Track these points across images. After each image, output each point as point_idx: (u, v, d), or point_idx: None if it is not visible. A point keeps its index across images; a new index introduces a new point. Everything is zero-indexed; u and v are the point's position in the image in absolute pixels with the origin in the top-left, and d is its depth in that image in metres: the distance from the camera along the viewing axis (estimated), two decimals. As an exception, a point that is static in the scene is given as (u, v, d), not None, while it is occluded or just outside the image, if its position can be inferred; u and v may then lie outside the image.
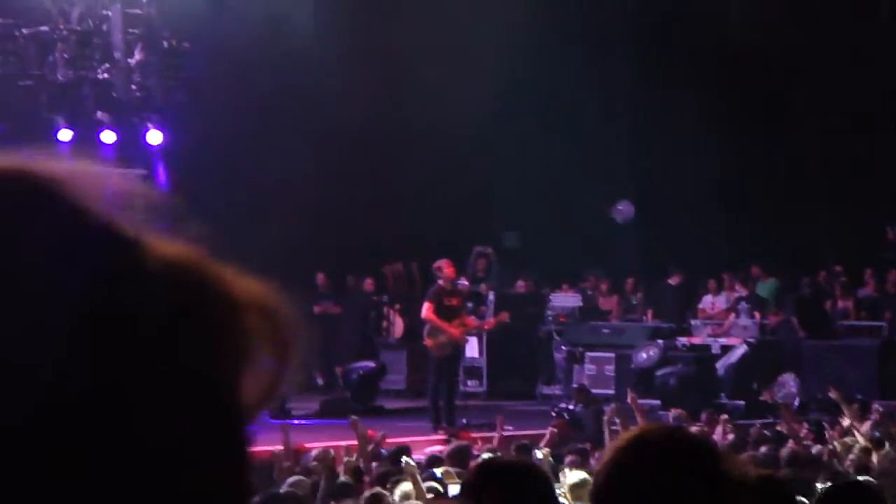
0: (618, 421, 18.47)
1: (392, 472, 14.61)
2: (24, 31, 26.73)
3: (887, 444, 18.86)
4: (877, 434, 18.55)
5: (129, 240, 1.30)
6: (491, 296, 29.07)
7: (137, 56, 27.34)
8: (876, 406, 22.17)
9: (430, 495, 13.56)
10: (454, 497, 10.23)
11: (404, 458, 16.77)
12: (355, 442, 17.62)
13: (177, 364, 1.29)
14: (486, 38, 30.51)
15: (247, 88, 28.72)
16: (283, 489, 13.89)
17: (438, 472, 15.75)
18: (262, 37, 28.47)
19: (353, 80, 29.05)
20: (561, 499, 10.25)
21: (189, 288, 1.33)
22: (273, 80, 28.83)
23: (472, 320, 26.31)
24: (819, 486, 11.96)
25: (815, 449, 17.41)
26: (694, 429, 17.57)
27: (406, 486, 14.15)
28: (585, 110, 30.79)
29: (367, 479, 14.13)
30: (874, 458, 14.78)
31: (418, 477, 14.08)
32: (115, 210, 1.31)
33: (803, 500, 8.10)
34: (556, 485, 10.18)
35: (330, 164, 28.66)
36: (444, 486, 13.77)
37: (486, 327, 27.44)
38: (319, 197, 28.34)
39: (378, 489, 13.55)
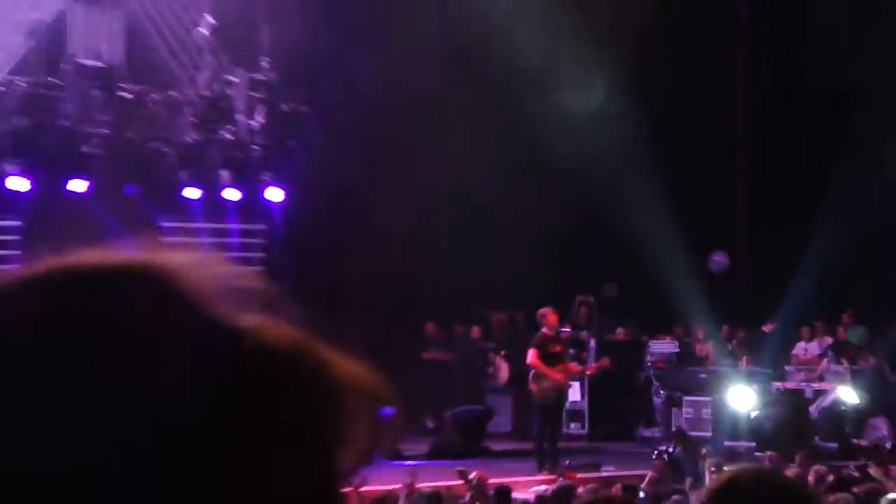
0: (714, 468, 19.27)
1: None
2: (155, 96, 27.25)
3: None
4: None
5: (237, 327, 1.41)
6: (592, 342, 29.40)
7: (258, 118, 27.86)
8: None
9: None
10: None
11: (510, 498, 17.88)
12: (460, 481, 18.79)
13: (276, 440, 1.40)
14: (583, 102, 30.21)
15: (361, 148, 28.99)
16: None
17: None
18: (372, 102, 28.51)
19: (453, 141, 28.74)
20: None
21: (291, 370, 1.42)
22: (384, 141, 29.18)
23: (574, 366, 26.68)
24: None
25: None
26: (789, 471, 17.77)
27: None
28: (681, 164, 30.28)
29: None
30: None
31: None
32: (225, 299, 1.44)
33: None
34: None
35: (438, 217, 28.95)
36: None
37: (587, 372, 27.55)
38: (429, 250, 28.29)
39: None
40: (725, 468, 15.47)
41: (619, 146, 29.36)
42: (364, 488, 15.88)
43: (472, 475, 18.76)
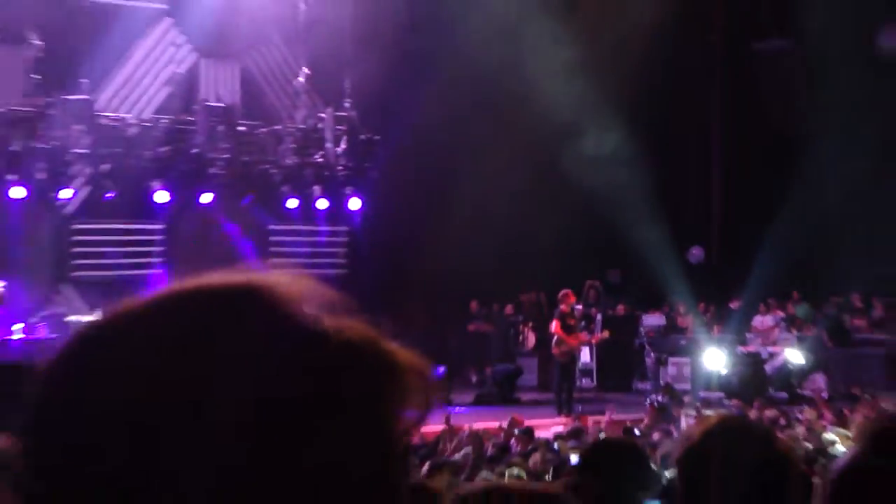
0: (693, 412, 21.09)
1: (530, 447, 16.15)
2: (263, 129, 29.03)
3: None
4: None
5: (324, 329, 1.61)
6: (599, 317, 30.19)
7: (342, 146, 29.29)
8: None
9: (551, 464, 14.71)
10: (573, 465, 11.07)
11: (534, 435, 18.55)
12: (497, 424, 20.48)
13: (357, 408, 1.60)
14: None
15: (420, 168, 29.78)
16: (451, 458, 15.99)
17: (556, 445, 17.39)
18: (429, 134, 29.02)
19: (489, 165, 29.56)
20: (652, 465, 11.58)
21: (363, 359, 1.63)
22: (438, 163, 29.71)
23: (585, 335, 28.25)
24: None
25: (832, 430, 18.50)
26: (750, 415, 19.43)
27: (536, 456, 15.60)
28: (669, 175, 31.61)
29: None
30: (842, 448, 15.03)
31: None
32: (312, 308, 1.63)
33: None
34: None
35: (481, 222, 29.31)
36: (563, 457, 15.29)
37: (594, 340, 28.90)
38: (475, 246, 28.65)
39: (517, 459, 15.04)
40: (703, 413, 18.29)
41: (620, 168, 29.60)
42: (423, 429, 17.17)
43: (515, 419, 20.25)
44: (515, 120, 30.05)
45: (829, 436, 17.73)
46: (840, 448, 14.76)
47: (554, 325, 27.08)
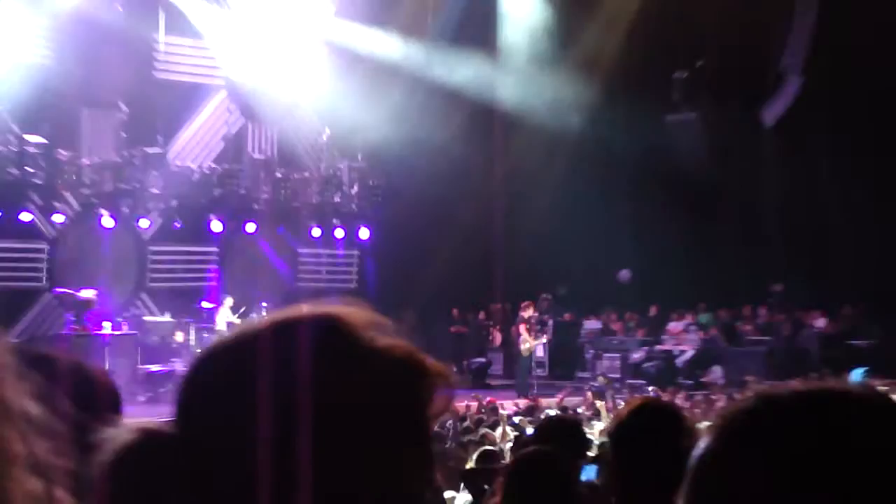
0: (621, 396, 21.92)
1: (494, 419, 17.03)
2: (295, 175, 30.23)
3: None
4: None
5: (380, 346, 1.71)
6: (550, 322, 30.46)
7: (355, 189, 30.70)
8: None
9: (512, 434, 15.47)
10: (529, 435, 10.85)
11: (499, 411, 19.12)
12: (473, 403, 20.77)
13: (403, 401, 1.70)
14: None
15: (415, 205, 30.22)
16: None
17: (517, 419, 18.36)
18: (424, 177, 29.58)
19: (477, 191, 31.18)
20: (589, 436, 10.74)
21: (401, 370, 1.71)
22: (427, 203, 29.95)
23: (542, 336, 29.34)
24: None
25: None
26: (664, 398, 18.03)
27: (500, 429, 16.16)
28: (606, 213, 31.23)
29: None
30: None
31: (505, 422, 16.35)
32: (370, 329, 1.73)
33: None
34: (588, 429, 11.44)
35: (460, 248, 29.83)
36: (522, 429, 16.00)
37: (545, 340, 29.80)
38: (454, 268, 29.89)
39: (486, 430, 15.40)
40: (629, 397, 18.44)
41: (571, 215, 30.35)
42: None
43: (485, 400, 21.33)
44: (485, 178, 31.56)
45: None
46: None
47: (521, 328, 28.33)
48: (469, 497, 9.47)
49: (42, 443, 1.25)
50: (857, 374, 23.69)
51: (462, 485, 9.88)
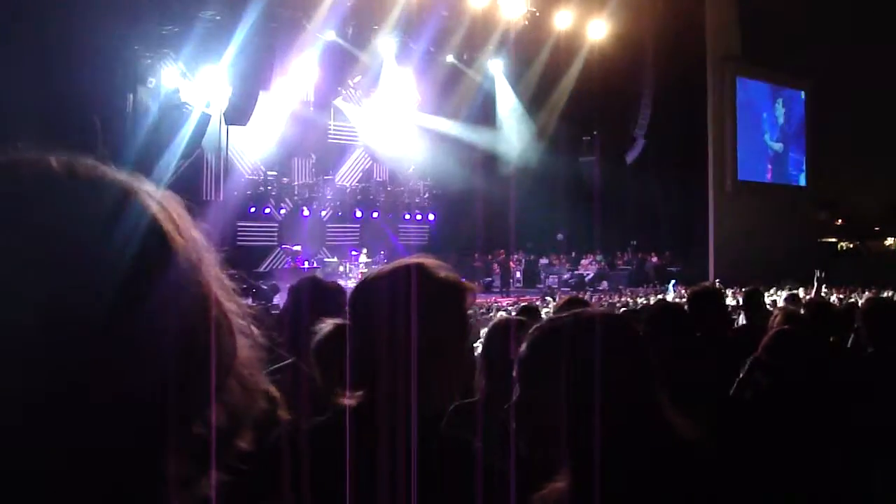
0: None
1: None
2: (397, 188, 28.94)
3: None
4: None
5: (447, 276, 1.63)
6: (523, 259, 29.45)
7: (426, 195, 29.11)
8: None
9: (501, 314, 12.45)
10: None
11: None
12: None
13: (450, 310, 1.63)
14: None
15: (465, 203, 28.13)
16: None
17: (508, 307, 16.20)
18: (467, 190, 27.60)
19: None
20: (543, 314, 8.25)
21: (454, 285, 1.66)
22: (467, 207, 27.93)
23: (518, 267, 28.49)
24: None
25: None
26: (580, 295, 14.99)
27: (498, 314, 13.49)
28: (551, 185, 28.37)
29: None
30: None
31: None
32: (438, 267, 1.65)
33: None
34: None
35: (482, 227, 27.50)
36: (508, 311, 13.84)
37: (520, 270, 28.48)
38: (475, 232, 27.43)
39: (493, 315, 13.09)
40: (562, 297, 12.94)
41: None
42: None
43: (490, 299, 19.72)
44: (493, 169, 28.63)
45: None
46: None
47: (509, 263, 27.47)
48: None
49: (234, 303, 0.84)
50: (671, 284, 24.46)
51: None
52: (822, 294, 17.74)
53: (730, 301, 13.53)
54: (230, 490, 0.82)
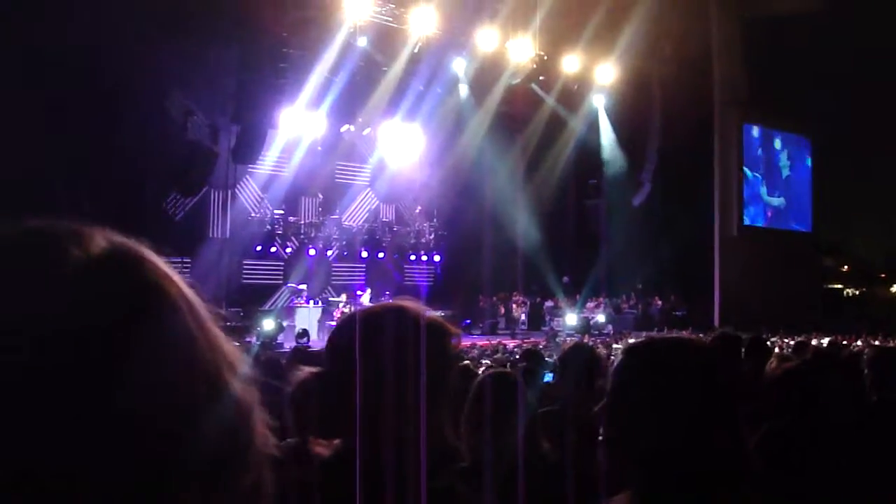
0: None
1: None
2: (404, 229, 28.61)
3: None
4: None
5: (430, 320, 1.59)
6: (528, 302, 28.75)
7: (432, 236, 28.94)
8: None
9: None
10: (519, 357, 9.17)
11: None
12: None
13: (436, 352, 1.57)
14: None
15: (466, 238, 28.01)
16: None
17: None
18: (472, 232, 27.69)
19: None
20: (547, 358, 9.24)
21: (437, 328, 1.63)
22: (471, 247, 27.67)
23: (523, 308, 27.83)
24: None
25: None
26: (586, 340, 15.98)
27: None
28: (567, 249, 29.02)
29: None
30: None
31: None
32: (424, 314, 1.61)
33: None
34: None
35: (486, 268, 26.62)
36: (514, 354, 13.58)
37: (525, 311, 27.78)
38: (480, 273, 26.80)
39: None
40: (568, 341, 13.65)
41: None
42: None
43: (494, 341, 19.01)
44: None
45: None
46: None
47: (512, 305, 27.57)
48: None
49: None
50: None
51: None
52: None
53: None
54: None
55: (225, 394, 0.80)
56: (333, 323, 9.25)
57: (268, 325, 20.65)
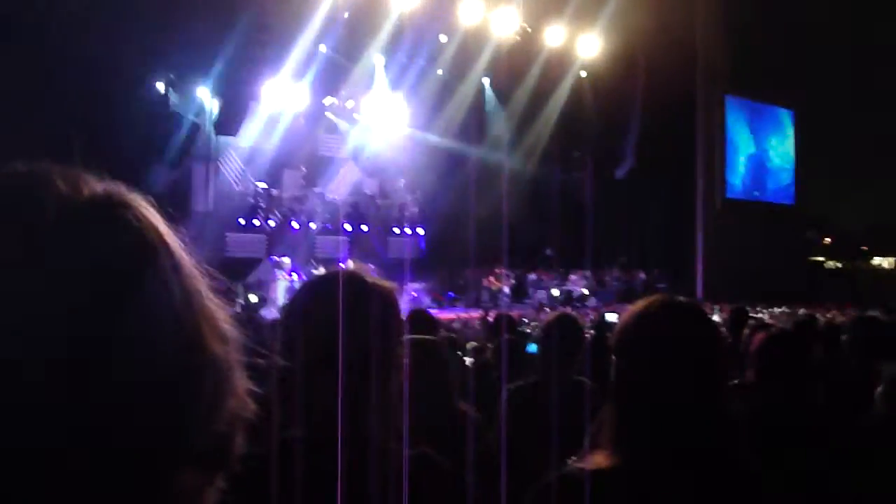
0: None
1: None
2: (387, 201, 28.59)
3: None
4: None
5: (383, 287, 1.58)
6: (512, 274, 28.43)
7: (416, 209, 28.66)
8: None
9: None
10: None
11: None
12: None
13: (387, 323, 1.54)
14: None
15: (446, 218, 27.13)
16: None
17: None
18: (458, 205, 26.53)
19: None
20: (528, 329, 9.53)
21: (388, 293, 1.59)
22: (455, 219, 26.42)
23: (507, 281, 27.29)
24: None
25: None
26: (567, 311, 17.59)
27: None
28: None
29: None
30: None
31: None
32: (371, 276, 1.59)
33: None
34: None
35: (468, 239, 23.88)
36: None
37: (509, 283, 27.35)
38: (463, 243, 25.12)
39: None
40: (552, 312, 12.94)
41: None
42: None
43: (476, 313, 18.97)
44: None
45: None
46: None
47: (491, 279, 27.20)
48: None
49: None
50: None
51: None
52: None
53: (716, 318, 13.35)
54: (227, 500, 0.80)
55: (206, 356, 0.77)
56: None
57: (252, 297, 20.43)
